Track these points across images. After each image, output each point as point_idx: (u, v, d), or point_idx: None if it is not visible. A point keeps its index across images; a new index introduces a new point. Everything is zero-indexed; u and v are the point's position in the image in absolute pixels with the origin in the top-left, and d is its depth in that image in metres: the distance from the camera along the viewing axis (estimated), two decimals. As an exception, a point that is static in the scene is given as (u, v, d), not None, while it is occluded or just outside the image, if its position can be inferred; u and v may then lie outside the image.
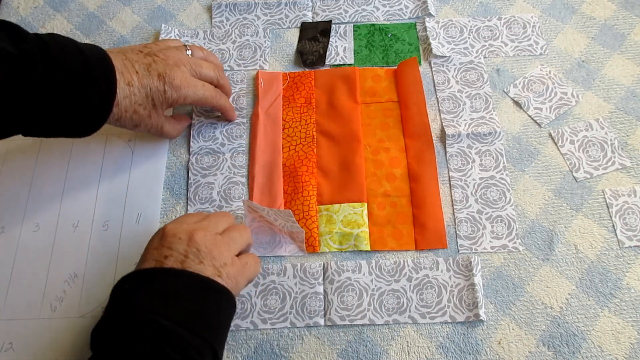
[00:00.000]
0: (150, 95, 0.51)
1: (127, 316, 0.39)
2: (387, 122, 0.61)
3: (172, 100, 0.52)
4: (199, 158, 0.60)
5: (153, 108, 0.52)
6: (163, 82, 0.51)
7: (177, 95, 0.52)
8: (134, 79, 0.50)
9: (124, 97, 0.49)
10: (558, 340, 0.49)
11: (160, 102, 0.52)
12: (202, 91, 0.55)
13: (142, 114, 0.52)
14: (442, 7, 0.69)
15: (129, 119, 0.51)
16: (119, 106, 0.49)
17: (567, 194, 0.56)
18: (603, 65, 0.64)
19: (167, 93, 0.52)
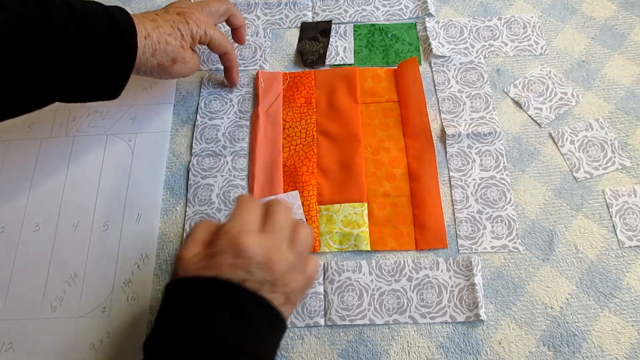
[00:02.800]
0: (175, 26, 0.53)
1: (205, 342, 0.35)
2: (387, 122, 0.61)
3: (195, 31, 0.55)
4: (200, 159, 0.60)
5: (182, 38, 0.54)
6: (183, 16, 0.54)
7: (197, 27, 0.55)
8: (156, 17, 0.53)
9: (152, 29, 0.51)
10: (558, 340, 0.49)
11: (187, 32, 0.54)
12: (220, 34, 0.58)
13: (174, 44, 0.53)
14: (442, 7, 0.69)
15: (164, 52, 0.53)
16: (151, 38, 0.51)
17: (567, 194, 0.56)
18: (603, 65, 0.64)
19: (190, 24, 0.54)
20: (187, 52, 0.55)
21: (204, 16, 0.56)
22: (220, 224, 0.42)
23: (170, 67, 0.54)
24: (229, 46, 0.59)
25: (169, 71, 0.55)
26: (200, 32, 0.55)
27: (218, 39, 0.58)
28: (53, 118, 0.64)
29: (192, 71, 0.58)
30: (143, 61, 0.51)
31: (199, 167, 0.60)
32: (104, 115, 0.64)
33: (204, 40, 0.56)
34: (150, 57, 0.52)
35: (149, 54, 0.52)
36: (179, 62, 0.54)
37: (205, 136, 0.62)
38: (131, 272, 0.55)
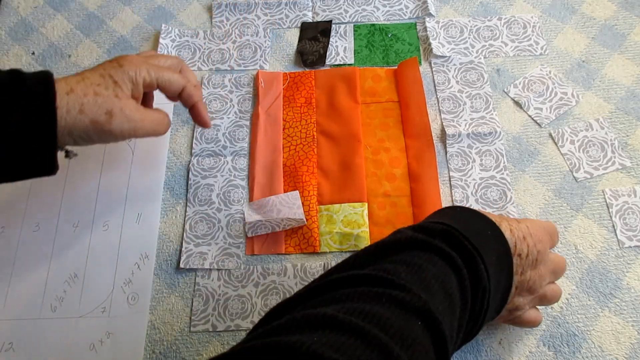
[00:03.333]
0: (106, 73, 0.45)
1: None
2: (387, 122, 0.61)
3: (133, 74, 0.46)
4: (200, 160, 0.60)
5: (116, 86, 0.45)
6: (117, 61, 0.46)
7: (137, 68, 0.46)
8: (83, 72, 0.45)
9: (76, 82, 0.43)
10: (558, 340, 0.49)
11: (121, 77, 0.45)
12: (168, 71, 0.49)
13: (106, 94, 0.44)
14: (442, 7, 0.69)
15: (95, 105, 0.43)
16: (75, 92, 0.43)
17: (567, 194, 0.56)
18: (603, 65, 0.64)
19: (125, 67, 0.46)
20: (126, 101, 0.45)
21: (144, 59, 0.48)
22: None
23: (107, 122, 0.44)
24: (182, 80, 0.50)
25: (109, 129, 0.44)
26: (142, 74, 0.46)
27: (167, 77, 0.48)
28: (53, 118, 0.64)
29: (149, 128, 0.47)
30: (71, 122, 0.42)
31: (199, 167, 0.60)
32: (104, 115, 0.64)
33: (149, 81, 0.47)
34: (78, 115, 0.43)
35: (75, 112, 0.42)
36: (117, 115, 0.44)
37: (205, 136, 0.62)
38: (131, 272, 0.55)
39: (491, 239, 0.41)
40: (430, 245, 0.38)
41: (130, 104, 0.46)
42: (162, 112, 0.50)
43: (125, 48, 0.69)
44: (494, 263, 0.39)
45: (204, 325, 0.52)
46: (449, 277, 0.36)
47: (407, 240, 0.38)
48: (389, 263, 0.36)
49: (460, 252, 0.38)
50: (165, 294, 0.54)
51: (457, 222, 0.40)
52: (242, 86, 0.65)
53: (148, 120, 0.47)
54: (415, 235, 0.39)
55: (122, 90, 0.45)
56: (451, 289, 0.36)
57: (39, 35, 0.71)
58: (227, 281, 0.54)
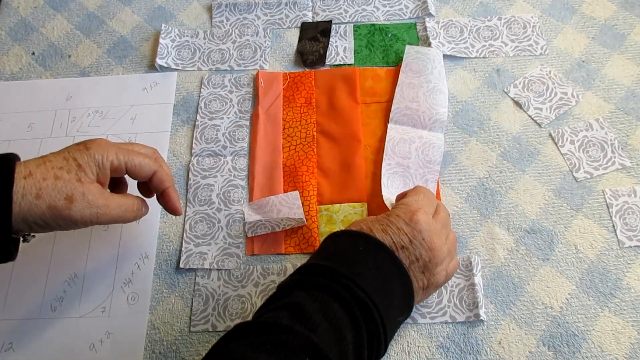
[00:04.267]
0: (70, 156, 0.42)
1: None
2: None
3: (100, 157, 0.43)
4: (200, 160, 0.60)
5: (80, 169, 0.42)
6: (84, 144, 0.44)
7: (104, 152, 0.43)
8: (47, 155, 0.43)
9: (36, 166, 0.41)
10: (558, 340, 0.49)
11: (86, 161, 0.43)
12: (138, 155, 0.46)
13: (67, 178, 0.41)
14: (442, 7, 0.69)
15: (54, 189, 0.41)
16: (33, 176, 0.40)
17: (567, 194, 0.56)
18: (603, 65, 0.64)
19: (91, 150, 0.43)
20: (89, 186, 0.42)
21: (114, 143, 0.46)
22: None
23: (67, 208, 0.41)
24: (153, 165, 0.47)
25: (68, 215, 0.41)
26: (110, 158, 0.44)
27: (137, 161, 0.45)
28: (53, 118, 0.64)
29: (114, 215, 0.44)
30: (26, 208, 0.40)
31: (199, 167, 0.60)
32: (104, 115, 0.64)
33: (117, 165, 0.44)
34: (34, 200, 0.40)
35: (31, 197, 0.40)
36: (77, 201, 0.41)
37: (205, 136, 0.62)
38: (131, 272, 0.55)
39: (363, 254, 0.43)
40: (308, 282, 0.40)
41: (94, 188, 0.43)
42: (133, 198, 0.47)
43: (125, 48, 0.69)
44: (373, 275, 0.41)
45: (204, 325, 0.52)
46: (331, 306, 0.38)
47: (286, 285, 0.41)
48: (273, 310, 0.39)
49: (335, 280, 0.40)
50: (165, 294, 0.54)
51: (330, 254, 0.43)
52: (242, 86, 0.65)
53: (113, 206, 0.44)
54: (293, 278, 0.42)
55: (85, 174, 0.42)
56: (334, 317, 0.38)
57: (39, 35, 0.71)
58: (227, 281, 0.54)
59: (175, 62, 0.67)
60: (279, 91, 0.64)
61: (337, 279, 0.40)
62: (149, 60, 0.68)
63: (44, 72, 0.68)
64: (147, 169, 0.46)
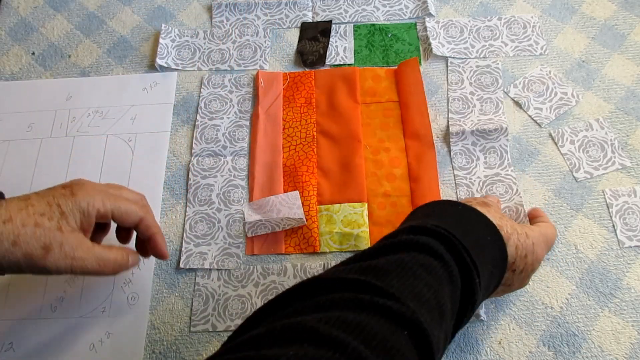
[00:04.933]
0: (54, 202, 0.40)
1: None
2: (387, 122, 0.61)
3: (85, 205, 0.41)
4: (200, 160, 0.60)
5: (62, 217, 0.40)
6: (70, 189, 0.42)
7: (90, 198, 0.41)
8: (30, 196, 0.41)
9: (18, 210, 0.39)
10: (558, 340, 0.49)
11: (70, 208, 0.40)
12: (124, 201, 0.44)
13: (47, 226, 0.39)
14: (442, 7, 0.69)
15: (32, 237, 0.39)
16: (13, 222, 0.38)
17: (567, 194, 0.56)
18: (603, 65, 0.64)
19: (77, 196, 0.41)
20: (69, 235, 0.40)
21: (100, 188, 0.44)
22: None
23: (42, 258, 0.39)
24: (140, 212, 0.45)
25: (43, 265, 0.39)
26: (96, 205, 0.41)
27: (123, 208, 0.43)
28: (53, 118, 0.64)
29: (90, 269, 0.42)
30: (0, 253, 0.38)
31: (199, 167, 0.60)
32: (104, 115, 0.64)
33: (103, 212, 0.42)
34: (10, 247, 0.38)
35: (8, 243, 0.38)
36: (54, 251, 0.39)
37: (205, 136, 0.62)
38: (131, 272, 0.55)
39: (489, 248, 0.40)
40: (430, 249, 0.37)
41: (73, 239, 0.40)
42: (116, 251, 0.44)
43: (125, 48, 0.69)
44: (487, 275, 0.39)
45: (204, 325, 0.52)
46: (442, 286, 0.35)
47: (405, 242, 0.37)
48: (383, 263, 0.35)
49: (458, 263, 0.37)
50: (165, 294, 0.54)
51: (458, 225, 0.40)
52: (242, 86, 0.65)
53: (91, 259, 0.42)
54: (414, 238, 0.38)
55: (67, 222, 0.40)
56: (443, 299, 0.35)
57: (39, 35, 0.71)
58: (227, 281, 0.54)
59: (175, 62, 0.67)
60: (279, 91, 0.64)
61: (461, 261, 0.37)
62: (149, 60, 0.68)
63: (44, 72, 0.68)
64: (133, 216, 0.45)
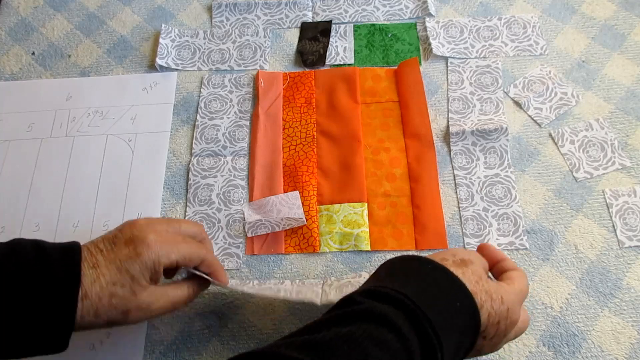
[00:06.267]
0: (123, 267, 0.41)
1: None
2: (388, 122, 0.61)
3: (151, 264, 0.42)
4: (200, 160, 0.60)
5: (133, 281, 0.42)
6: (133, 247, 0.42)
7: (155, 256, 0.42)
8: (98, 259, 0.42)
9: (91, 283, 0.40)
10: (558, 340, 0.49)
11: (139, 271, 0.42)
12: (186, 246, 0.45)
13: (122, 294, 0.41)
14: (442, 7, 0.69)
15: (110, 308, 0.41)
16: (90, 297, 0.40)
17: (567, 194, 0.56)
18: (603, 65, 0.64)
19: (143, 256, 0.42)
20: (142, 295, 0.42)
21: (161, 236, 0.44)
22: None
23: (124, 320, 0.42)
24: (201, 253, 0.46)
25: (125, 324, 0.42)
26: (162, 260, 0.43)
27: (187, 254, 0.44)
28: (53, 118, 0.64)
29: (165, 310, 0.44)
30: (86, 324, 0.40)
31: (199, 167, 0.60)
32: (104, 115, 0.64)
33: (168, 264, 0.43)
34: (93, 319, 0.40)
35: (90, 316, 0.40)
36: (132, 312, 0.42)
37: (205, 136, 0.62)
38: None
39: (459, 315, 0.37)
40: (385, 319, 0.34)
41: (147, 296, 0.43)
42: (183, 286, 0.46)
43: (125, 48, 0.69)
44: (453, 346, 0.36)
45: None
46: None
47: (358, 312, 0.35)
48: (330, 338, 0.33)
49: (419, 335, 0.34)
50: (165, 294, 0.53)
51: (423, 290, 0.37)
52: (242, 86, 0.65)
53: (165, 305, 0.44)
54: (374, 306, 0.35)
55: (139, 284, 0.42)
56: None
57: (39, 35, 0.71)
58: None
59: (175, 62, 0.67)
60: (279, 91, 0.64)
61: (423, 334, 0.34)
62: (149, 60, 0.68)
63: (44, 72, 0.68)
64: (196, 259, 0.46)
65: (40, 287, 0.38)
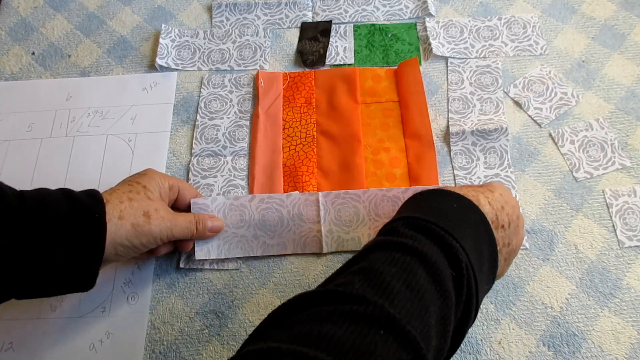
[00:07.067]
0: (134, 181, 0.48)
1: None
2: (387, 122, 0.61)
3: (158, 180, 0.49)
4: (200, 159, 0.60)
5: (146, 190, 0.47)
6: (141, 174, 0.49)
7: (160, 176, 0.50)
8: (112, 188, 0.47)
9: (109, 194, 0.45)
10: (558, 340, 0.49)
11: (148, 182, 0.48)
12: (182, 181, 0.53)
13: (138, 198, 0.46)
14: (442, 7, 0.69)
15: (132, 208, 0.45)
16: (112, 202, 0.44)
17: (567, 194, 0.56)
18: (603, 65, 0.64)
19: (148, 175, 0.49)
20: (158, 203, 0.47)
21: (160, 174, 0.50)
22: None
23: (147, 223, 0.45)
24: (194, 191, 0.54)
25: (149, 229, 0.45)
26: (166, 179, 0.50)
27: (183, 183, 0.52)
28: (53, 118, 0.64)
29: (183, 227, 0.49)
30: (113, 229, 0.43)
31: (199, 167, 0.60)
32: (104, 115, 0.64)
33: (172, 185, 0.50)
34: (119, 222, 0.44)
35: (115, 219, 0.44)
36: (153, 216, 0.46)
37: (205, 136, 0.62)
38: (131, 272, 0.55)
39: (459, 212, 0.39)
40: (389, 243, 0.36)
41: (161, 205, 0.47)
42: (190, 214, 0.51)
43: (125, 48, 0.69)
44: (468, 235, 0.37)
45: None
46: (414, 272, 0.34)
47: (366, 248, 0.37)
48: (345, 275, 0.34)
49: (429, 237, 0.36)
50: (165, 294, 0.54)
51: (419, 207, 0.40)
52: (242, 86, 0.65)
53: (180, 219, 0.49)
54: (374, 240, 0.37)
55: (152, 193, 0.47)
56: (418, 284, 0.33)
57: (39, 35, 0.71)
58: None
59: (175, 62, 0.67)
60: (279, 91, 0.64)
61: (430, 234, 0.36)
62: (149, 60, 0.68)
63: (44, 72, 0.68)
64: (193, 191, 0.53)
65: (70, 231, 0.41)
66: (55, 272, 0.41)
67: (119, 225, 0.43)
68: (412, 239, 0.36)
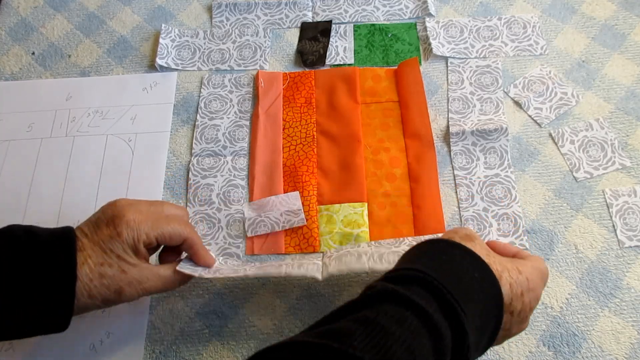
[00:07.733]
0: (107, 248, 0.43)
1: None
2: (387, 122, 0.61)
3: (132, 241, 0.43)
4: (200, 159, 0.60)
5: (120, 260, 0.43)
6: (114, 226, 0.43)
7: (135, 233, 0.44)
8: (84, 242, 0.43)
9: (80, 266, 0.42)
10: (558, 340, 0.49)
11: (123, 249, 0.43)
12: (167, 224, 0.45)
13: (111, 274, 0.42)
14: (442, 7, 0.69)
15: (103, 288, 0.42)
16: (80, 279, 0.41)
17: (567, 194, 0.56)
18: (603, 65, 0.64)
19: (123, 235, 0.43)
20: (132, 272, 0.44)
21: (141, 214, 0.45)
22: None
23: (117, 299, 0.43)
24: (184, 231, 0.46)
25: (120, 302, 0.44)
26: (142, 238, 0.44)
27: (166, 232, 0.45)
28: (53, 118, 0.64)
29: (160, 286, 0.46)
30: (82, 305, 0.42)
31: (199, 167, 0.60)
32: (104, 115, 0.64)
33: (148, 242, 0.45)
34: (88, 300, 0.42)
35: (85, 298, 0.42)
36: (125, 290, 0.43)
37: (205, 136, 0.62)
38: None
39: (477, 285, 0.36)
40: (401, 297, 0.33)
41: (136, 273, 0.44)
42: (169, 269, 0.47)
43: (125, 48, 0.69)
44: (478, 314, 0.35)
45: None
46: (419, 341, 0.31)
47: (374, 293, 0.34)
48: (347, 321, 0.32)
49: (442, 308, 0.33)
50: (165, 294, 0.53)
51: (440, 263, 0.36)
52: (242, 86, 0.65)
53: (156, 282, 0.46)
54: (385, 286, 0.34)
55: (126, 262, 0.44)
56: (421, 355, 0.31)
57: (39, 35, 0.71)
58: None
59: (175, 62, 0.67)
60: (279, 91, 0.64)
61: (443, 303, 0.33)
62: (149, 60, 0.68)
63: (44, 72, 0.68)
64: (177, 239, 0.46)
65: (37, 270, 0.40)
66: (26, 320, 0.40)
67: (89, 302, 0.42)
68: (426, 302, 0.33)
